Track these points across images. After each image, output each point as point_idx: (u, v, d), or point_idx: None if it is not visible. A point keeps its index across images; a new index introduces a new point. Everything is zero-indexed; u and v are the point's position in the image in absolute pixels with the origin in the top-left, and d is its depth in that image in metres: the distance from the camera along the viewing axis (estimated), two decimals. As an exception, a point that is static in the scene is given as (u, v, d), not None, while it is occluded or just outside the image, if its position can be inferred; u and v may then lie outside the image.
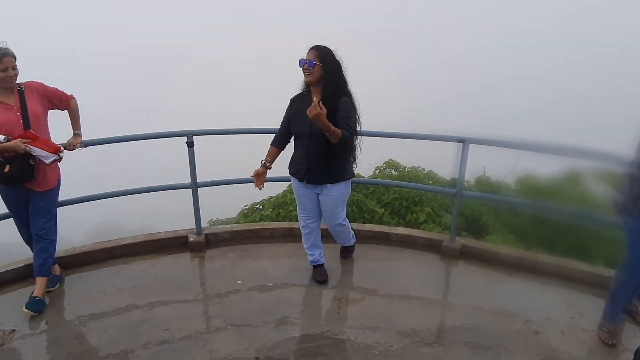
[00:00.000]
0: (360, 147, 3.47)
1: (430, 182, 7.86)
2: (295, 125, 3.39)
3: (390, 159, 8.01)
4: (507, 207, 7.55)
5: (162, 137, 4.12)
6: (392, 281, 3.88)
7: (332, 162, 3.34)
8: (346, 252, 4.19)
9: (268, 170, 3.52)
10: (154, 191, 4.32)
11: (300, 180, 3.48)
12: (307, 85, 3.37)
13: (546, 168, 8.01)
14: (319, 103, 2.91)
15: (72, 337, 3.11)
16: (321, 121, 2.95)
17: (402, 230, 4.69)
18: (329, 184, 3.44)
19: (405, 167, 8.17)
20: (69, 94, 3.46)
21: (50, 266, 3.52)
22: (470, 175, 8.83)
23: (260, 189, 3.54)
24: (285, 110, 3.52)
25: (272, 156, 3.55)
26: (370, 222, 6.25)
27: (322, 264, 3.88)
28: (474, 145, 4.05)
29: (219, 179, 4.54)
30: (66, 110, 3.48)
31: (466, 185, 8.01)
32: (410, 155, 8.11)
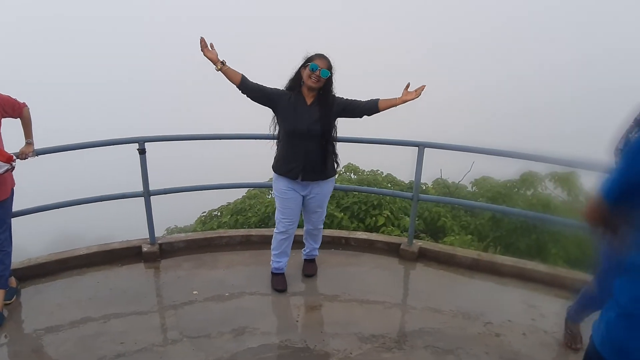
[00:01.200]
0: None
1: (390, 185, 7.92)
2: (289, 123, 3.36)
3: (350, 163, 8.03)
4: (464, 209, 7.71)
5: (113, 144, 3.96)
6: (352, 286, 3.85)
7: (326, 159, 3.49)
8: (312, 266, 4.07)
9: (220, 64, 3.22)
10: (105, 200, 4.17)
11: (294, 178, 3.45)
12: (295, 84, 3.40)
13: (502, 171, 8.25)
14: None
15: (31, 350, 3.04)
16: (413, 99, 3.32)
17: (360, 235, 4.69)
18: (320, 181, 3.53)
19: (364, 170, 8.21)
20: (22, 102, 3.33)
21: (7, 278, 3.41)
22: (428, 178, 8.98)
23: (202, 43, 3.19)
24: (273, 88, 3.40)
25: (230, 73, 3.28)
26: (330, 227, 6.22)
27: (284, 273, 3.84)
28: (430, 149, 4.11)
29: (174, 186, 4.41)
30: (19, 119, 3.35)
31: (424, 188, 8.15)
32: (369, 159, 8.17)
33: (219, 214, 7.68)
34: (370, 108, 3.40)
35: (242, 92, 3.34)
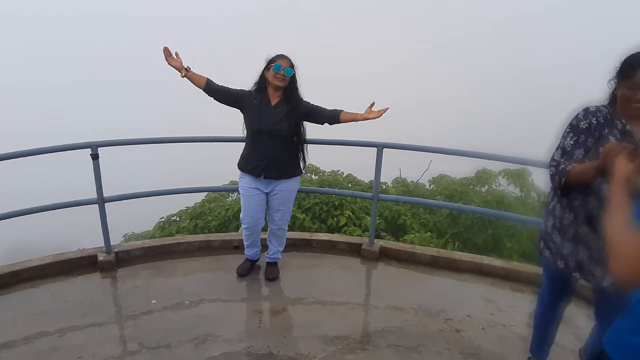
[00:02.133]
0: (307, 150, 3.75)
1: (350, 185, 7.98)
2: (254, 123, 3.50)
3: (310, 164, 8.02)
4: (423, 207, 7.87)
5: (63, 150, 3.80)
6: (314, 288, 3.84)
7: (290, 157, 3.62)
8: (274, 270, 4.01)
9: (184, 71, 3.43)
10: (57, 208, 3.98)
11: (258, 176, 3.57)
12: (262, 86, 3.53)
13: (459, 169, 8.48)
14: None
15: (-16, 368, 2.87)
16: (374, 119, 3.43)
17: (322, 236, 4.69)
18: (283, 179, 3.61)
19: (325, 171, 8.23)
20: None
21: None
22: (388, 178, 9.10)
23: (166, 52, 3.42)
24: (239, 89, 3.58)
25: (195, 78, 3.48)
26: (292, 228, 6.20)
27: (254, 260, 4.02)
28: (388, 149, 4.16)
29: (130, 191, 4.27)
30: None
31: (384, 187, 8.25)
32: (330, 160, 8.20)
33: (177, 218, 7.52)
34: (332, 117, 3.52)
35: (208, 95, 3.52)
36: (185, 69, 3.42)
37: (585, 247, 2.24)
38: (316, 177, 8.05)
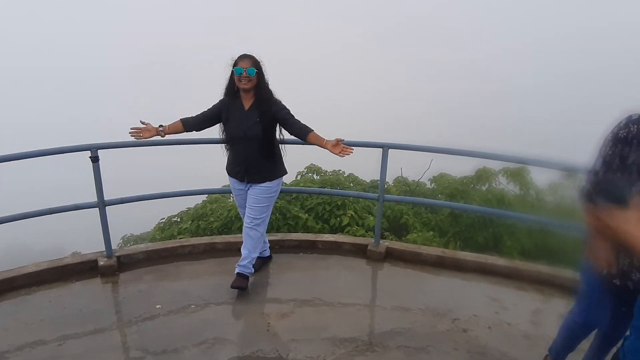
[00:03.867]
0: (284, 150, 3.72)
1: (352, 185, 7.95)
2: (230, 130, 3.53)
3: (312, 164, 7.99)
4: (424, 206, 7.85)
5: (62, 153, 3.72)
6: (321, 290, 3.80)
7: (267, 161, 3.58)
8: (239, 280, 3.67)
9: (162, 133, 3.50)
10: (57, 212, 3.89)
11: (241, 180, 3.62)
12: (231, 90, 3.51)
13: (459, 167, 8.47)
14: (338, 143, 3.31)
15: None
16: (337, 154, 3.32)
17: (327, 237, 4.64)
18: (267, 181, 3.60)
19: (327, 171, 8.19)
20: None
21: None
22: (389, 177, 9.07)
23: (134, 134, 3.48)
24: (212, 106, 3.59)
25: (172, 129, 3.55)
26: (295, 228, 6.17)
27: (261, 258, 4.04)
28: (393, 150, 4.13)
29: (129, 194, 4.20)
30: None
31: (385, 187, 8.22)
32: (332, 160, 8.14)
33: (178, 219, 7.45)
34: (300, 134, 3.44)
35: (191, 131, 3.60)
36: (161, 129, 3.47)
37: (626, 254, 2.19)
38: (318, 177, 8.01)
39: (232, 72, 3.40)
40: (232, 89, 3.50)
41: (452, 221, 7.33)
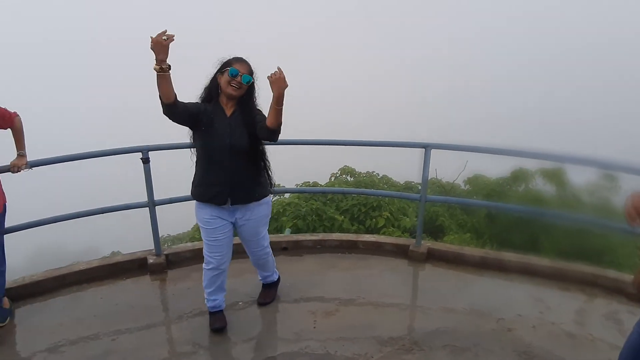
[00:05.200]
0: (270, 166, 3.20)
1: (386, 186, 7.96)
2: (210, 139, 2.91)
3: (346, 166, 8.03)
4: (460, 207, 7.79)
5: (115, 154, 3.88)
6: (364, 289, 3.84)
7: (256, 177, 3.08)
8: (269, 293, 3.65)
9: (165, 65, 2.57)
10: (108, 212, 4.05)
11: (222, 204, 3.01)
12: (211, 96, 2.98)
13: (493, 168, 8.38)
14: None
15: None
16: (282, 87, 2.68)
17: (369, 238, 4.68)
18: (253, 203, 3.09)
19: (361, 172, 8.22)
20: (12, 112, 3.20)
21: (1, 299, 3.26)
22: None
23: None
24: (193, 103, 2.93)
25: (170, 83, 2.65)
26: (331, 230, 6.22)
27: (222, 310, 3.36)
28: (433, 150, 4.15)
29: (177, 195, 4.32)
30: (9, 129, 3.23)
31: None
32: (363, 161, 8.19)
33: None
34: (262, 128, 2.86)
35: (168, 113, 2.74)
36: (168, 64, 2.59)
37: None
38: (352, 179, 8.05)
39: (223, 72, 2.88)
40: (213, 92, 2.97)
41: (488, 223, 7.27)
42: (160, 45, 2.50)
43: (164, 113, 2.72)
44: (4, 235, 3.29)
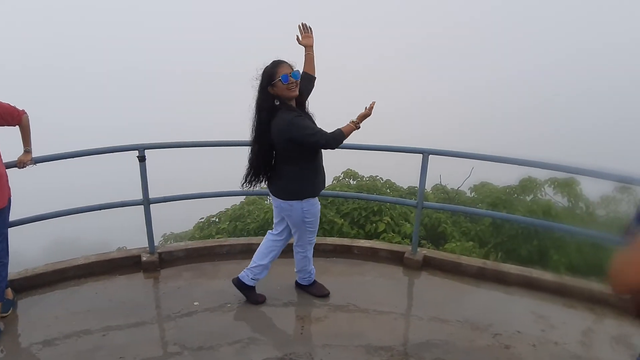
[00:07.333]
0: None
1: (389, 191, 7.88)
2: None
3: (349, 169, 7.97)
4: (464, 215, 7.67)
5: (112, 152, 3.88)
6: (356, 296, 3.77)
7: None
8: (316, 288, 3.78)
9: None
10: (104, 209, 4.07)
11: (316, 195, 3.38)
12: (272, 107, 3.07)
13: (501, 176, 8.24)
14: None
15: (27, 365, 2.93)
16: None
17: (363, 243, 4.60)
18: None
19: (364, 176, 8.15)
20: (21, 109, 3.26)
21: (4, 290, 3.31)
22: (427, 184, 8.92)
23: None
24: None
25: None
26: (330, 233, 6.17)
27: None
28: (433, 157, 4.06)
29: (170, 193, 4.31)
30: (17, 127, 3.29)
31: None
32: (367, 165, 8.12)
33: (217, 220, 7.59)
34: (312, 81, 3.37)
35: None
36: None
37: None
38: (354, 182, 7.98)
39: (274, 84, 3.01)
40: (271, 105, 3.06)
41: (493, 231, 7.13)
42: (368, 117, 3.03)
43: (334, 148, 3.07)
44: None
